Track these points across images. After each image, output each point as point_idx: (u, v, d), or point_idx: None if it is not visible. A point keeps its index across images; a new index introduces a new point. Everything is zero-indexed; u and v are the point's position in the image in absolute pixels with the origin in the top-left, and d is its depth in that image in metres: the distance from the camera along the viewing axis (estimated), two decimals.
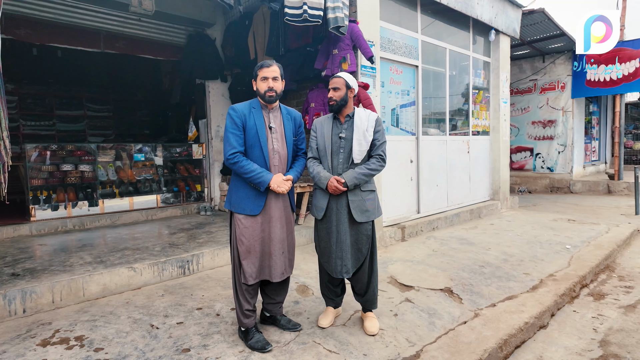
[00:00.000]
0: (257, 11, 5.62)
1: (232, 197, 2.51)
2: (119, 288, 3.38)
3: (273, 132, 2.51)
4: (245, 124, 2.44)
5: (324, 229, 2.63)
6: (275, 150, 2.51)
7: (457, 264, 4.05)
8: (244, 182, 2.47)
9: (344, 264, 2.56)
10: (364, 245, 2.59)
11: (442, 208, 6.07)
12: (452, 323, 2.81)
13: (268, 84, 2.45)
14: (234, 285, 2.54)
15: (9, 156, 2.28)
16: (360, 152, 2.55)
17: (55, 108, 8.92)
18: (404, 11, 5.43)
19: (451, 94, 6.33)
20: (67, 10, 5.38)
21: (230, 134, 2.41)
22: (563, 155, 10.11)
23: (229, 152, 2.41)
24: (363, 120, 2.58)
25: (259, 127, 2.45)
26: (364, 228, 2.59)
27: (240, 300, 2.49)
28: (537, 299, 3.22)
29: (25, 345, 2.46)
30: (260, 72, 2.46)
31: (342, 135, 2.60)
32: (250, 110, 2.47)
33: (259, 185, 2.41)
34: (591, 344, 2.73)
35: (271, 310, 2.71)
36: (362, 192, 2.59)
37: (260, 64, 2.50)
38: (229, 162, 2.42)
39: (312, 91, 4.92)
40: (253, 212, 2.45)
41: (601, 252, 4.43)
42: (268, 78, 2.45)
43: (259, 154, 2.45)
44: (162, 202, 6.31)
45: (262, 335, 2.49)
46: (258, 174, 2.39)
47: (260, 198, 2.46)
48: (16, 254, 3.98)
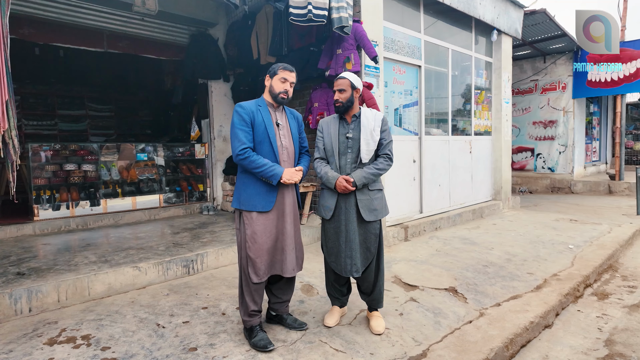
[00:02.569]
0: (260, 11, 5.62)
1: (241, 195, 2.48)
2: (124, 287, 3.38)
3: (281, 128, 2.54)
4: (254, 121, 2.44)
5: (332, 229, 2.63)
6: (284, 146, 2.53)
7: (461, 263, 4.06)
8: (253, 178, 2.45)
9: (353, 262, 2.56)
10: (373, 244, 2.61)
11: (445, 208, 6.08)
12: (458, 322, 2.82)
13: (285, 87, 2.50)
14: (241, 285, 2.53)
15: (18, 155, 2.28)
16: (368, 152, 2.56)
17: (57, 108, 8.91)
18: (407, 11, 5.43)
19: (453, 94, 6.34)
20: (71, 10, 5.38)
21: (239, 130, 2.41)
22: (564, 156, 10.12)
23: (239, 148, 2.39)
24: (370, 120, 2.59)
25: (267, 123, 2.46)
26: (372, 227, 2.60)
27: (247, 301, 2.48)
28: (541, 298, 3.23)
29: (32, 344, 2.47)
30: (282, 72, 2.48)
31: (349, 135, 2.61)
32: (257, 108, 2.49)
33: (271, 179, 2.40)
34: (596, 343, 2.74)
35: (277, 309, 2.71)
36: (370, 192, 2.60)
37: (282, 64, 2.52)
38: (238, 157, 2.40)
39: (315, 91, 4.93)
40: (265, 209, 2.44)
41: (604, 252, 4.44)
42: (287, 81, 2.49)
43: (269, 149, 2.46)
44: (164, 201, 6.31)
45: (266, 334, 2.49)
46: (270, 167, 2.39)
47: (272, 193, 2.45)
48: (20, 254, 3.99)
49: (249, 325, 2.50)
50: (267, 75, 2.53)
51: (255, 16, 5.70)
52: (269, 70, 2.53)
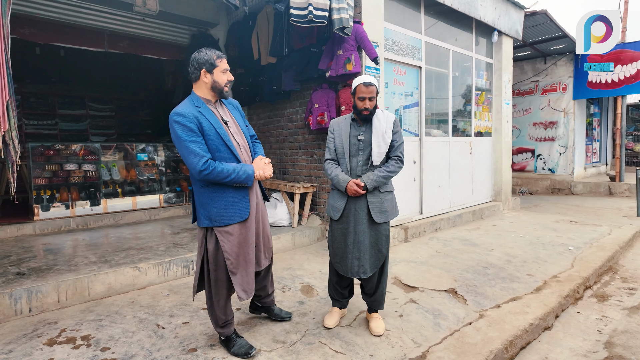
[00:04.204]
0: (260, 12, 5.63)
1: (211, 211, 2.21)
2: (124, 288, 3.39)
3: (230, 126, 2.30)
4: (201, 127, 2.13)
5: (339, 229, 2.62)
6: (241, 145, 2.31)
7: (461, 264, 4.06)
8: (221, 189, 2.21)
9: (361, 264, 2.56)
10: (384, 245, 2.61)
11: (445, 209, 6.08)
12: (457, 324, 2.82)
13: (228, 77, 2.27)
14: (210, 298, 2.34)
15: (18, 155, 2.29)
16: (379, 155, 2.55)
17: (58, 107, 8.91)
18: (408, 12, 5.43)
19: (454, 95, 6.34)
20: (72, 10, 5.39)
21: (190, 143, 2.09)
22: (564, 157, 10.12)
23: (199, 163, 2.08)
24: (382, 122, 2.57)
25: (216, 126, 2.18)
26: (383, 228, 2.61)
27: (217, 314, 2.33)
28: (541, 300, 3.23)
29: (32, 345, 2.47)
30: (221, 62, 2.22)
31: (360, 137, 2.59)
32: (198, 111, 2.16)
33: (245, 182, 2.20)
34: (596, 346, 2.74)
35: (265, 301, 2.73)
36: (381, 193, 2.60)
37: (215, 52, 2.23)
38: (203, 174, 2.10)
39: (315, 92, 4.93)
40: (243, 217, 2.25)
41: (604, 254, 4.44)
42: (228, 70, 2.27)
43: (227, 154, 2.21)
44: (164, 201, 6.32)
45: (244, 339, 2.39)
46: (240, 170, 2.18)
47: (245, 199, 2.27)
48: (20, 253, 3.99)
49: (224, 336, 2.38)
50: (203, 70, 2.19)
51: (255, 17, 5.70)
52: (202, 64, 2.18)
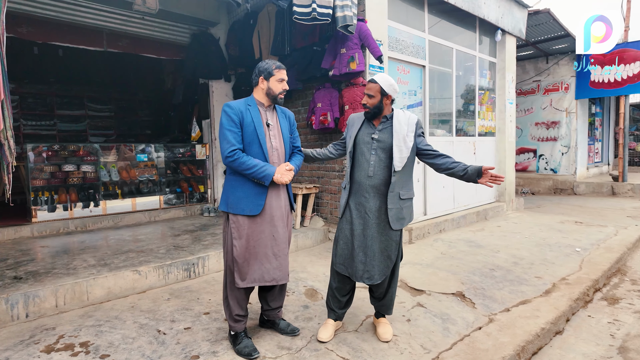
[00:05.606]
0: (262, 10, 5.55)
1: (229, 198, 2.40)
2: (124, 292, 3.31)
3: (271, 129, 2.45)
4: (243, 121, 2.35)
5: (347, 230, 2.52)
6: (274, 147, 2.44)
7: (467, 267, 3.98)
8: (242, 180, 2.37)
9: (366, 269, 2.45)
10: (393, 251, 2.49)
11: (449, 210, 6.01)
12: (467, 329, 2.74)
13: (284, 86, 2.44)
14: (225, 289, 2.47)
15: (14, 157, 2.20)
16: (401, 159, 2.40)
17: (56, 107, 8.83)
18: (411, 10, 5.36)
19: (457, 94, 6.27)
20: (70, 9, 5.30)
21: (227, 131, 2.31)
22: (566, 157, 10.05)
23: (227, 150, 2.30)
24: (402, 125, 2.44)
25: (257, 123, 2.37)
26: (394, 234, 2.48)
27: (231, 304, 2.42)
28: (551, 303, 3.15)
29: (29, 352, 2.39)
30: (279, 72, 2.41)
31: (374, 136, 2.48)
32: (247, 108, 2.39)
33: (263, 180, 2.31)
34: (610, 351, 2.66)
35: (270, 315, 2.65)
36: (401, 200, 2.46)
37: (275, 63, 2.43)
38: (228, 159, 2.31)
39: (318, 91, 4.85)
40: (253, 212, 2.35)
41: (612, 255, 4.37)
42: (284, 80, 2.44)
43: (258, 151, 2.36)
44: (165, 203, 6.24)
45: (251, 340, 2.43)
46: (261, 168, 2.30)
47: (260, 197, 2.36)
48: (18, 256, 3.91)
49: (234, 331, 2.44)
50: (261, 77, 2.42)
51: (257, 15, 5.63)
52: (262, 71, 2.41)
